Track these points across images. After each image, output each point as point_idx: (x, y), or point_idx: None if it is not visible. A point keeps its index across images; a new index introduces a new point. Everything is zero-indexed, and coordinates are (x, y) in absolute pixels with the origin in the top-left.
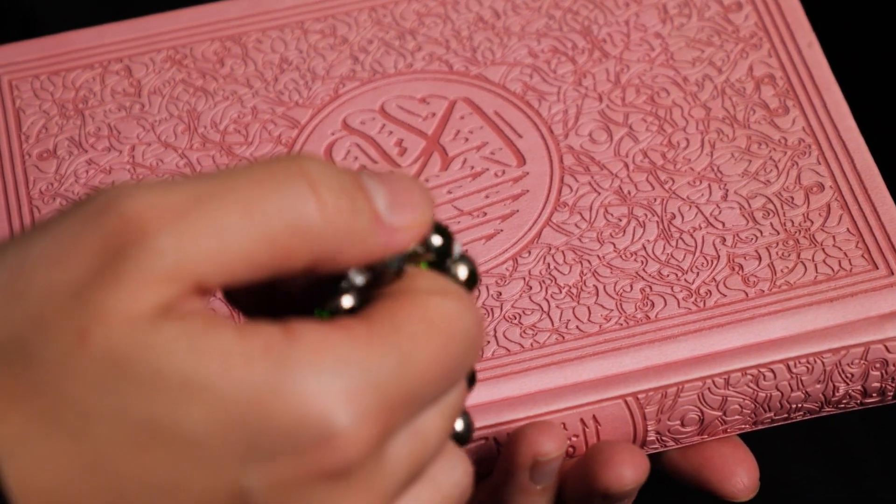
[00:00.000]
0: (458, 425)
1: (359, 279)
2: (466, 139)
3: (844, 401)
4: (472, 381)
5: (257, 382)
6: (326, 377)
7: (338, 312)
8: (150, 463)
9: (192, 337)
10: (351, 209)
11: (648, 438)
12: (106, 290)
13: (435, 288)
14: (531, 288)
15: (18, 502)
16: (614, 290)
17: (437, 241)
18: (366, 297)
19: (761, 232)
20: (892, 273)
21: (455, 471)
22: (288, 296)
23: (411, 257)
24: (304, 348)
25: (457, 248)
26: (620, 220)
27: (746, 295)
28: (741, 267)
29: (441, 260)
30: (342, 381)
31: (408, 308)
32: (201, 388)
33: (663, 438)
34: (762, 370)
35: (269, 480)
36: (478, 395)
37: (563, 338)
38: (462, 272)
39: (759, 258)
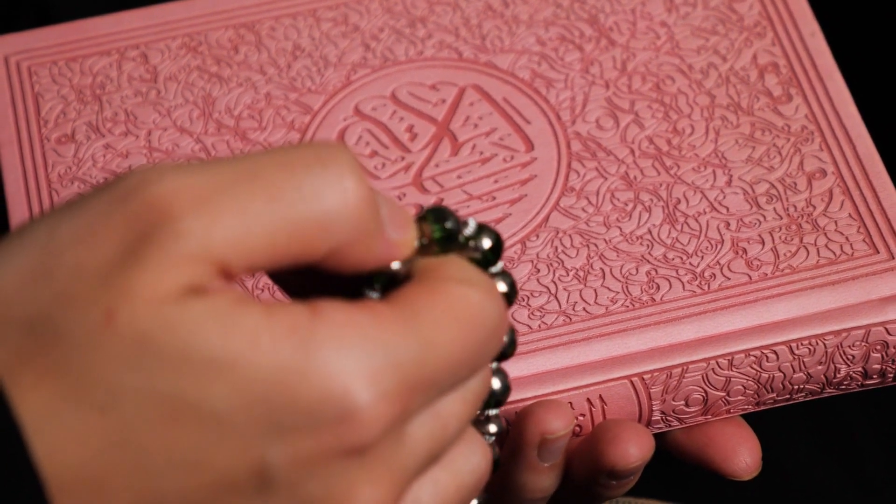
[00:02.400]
0: (496, 384)
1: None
2: (476, 125)
3: (845, 382)
4: (504, 386)
5: (282, 361)
6: (349, 357)
7: (387, 276)
8: (176, 438)
9: (220, 315)
10: (369, 208)
11: (653, 418)
12: (132, 271)
13: (464, 277)
14: (539, 271)
15: (47, 476)
16: (620, 272)
17: (485, 245)
18: (412, 267)
19: (764, 217)
20: (893, 257)
21: (474, 457)
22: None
23: (458, 247)
24: (329, 328)
25: (500, 265)
26: (626, 205)
27: (750, 278)
28: (745, 251)
29: (482, 265)
30: (364, 361)
31: (435, 294)
32: (227, 365)
33: (668, 418)
34: (765, 352)
35: (290, 456)
36: None
37: (571, 319)
38: (500, 287)
39: (763, 242)
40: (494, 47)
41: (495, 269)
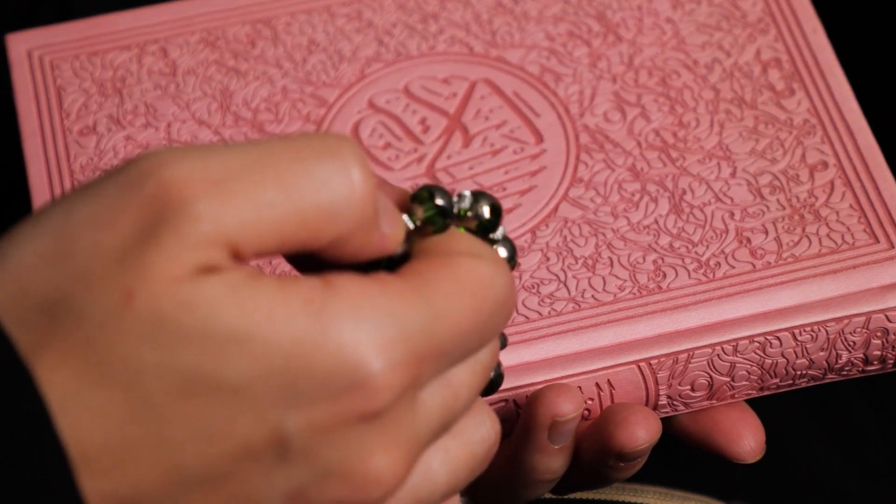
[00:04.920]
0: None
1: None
2: (487, 118)
3: (847, 368)
4: (503, 342)
5: (299, 332)
6: (362, 327)
7: (387, 259)
8: (196, 410)
9: (236, 290)
10: (372, 200)
11: (660, 402)
12: (149, 252)
13: (471, 251)
14: (549, 259)
15: (71, 452)
16: (628, 261)
17: (486, 212)
18: (411, 245)
19: (768, 207)
20: (893, 246)
21: (483, 427)
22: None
23: (457, 218)
24: (342, 300)
25: (501, 230)
26: (634, 196)
27: (754, 267)
28: (749, 240)
29: (482, 232)
30: (376, 331)
31: (443, 267)
32: (245, 338)
33: (674, 403)
34: (769, 338)
35: (307, 424)
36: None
37: (580, 306)
38: (501, 253)
39: (766, 232)
40: (505, 42)
41: (496, 234)
